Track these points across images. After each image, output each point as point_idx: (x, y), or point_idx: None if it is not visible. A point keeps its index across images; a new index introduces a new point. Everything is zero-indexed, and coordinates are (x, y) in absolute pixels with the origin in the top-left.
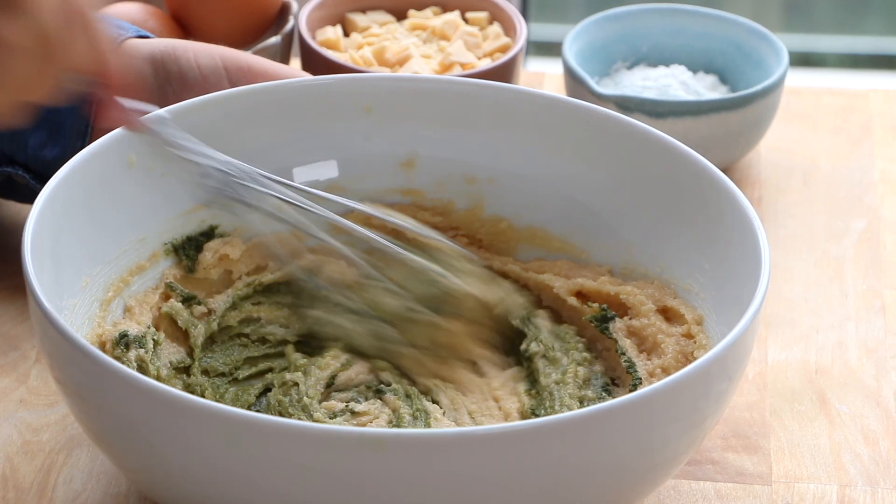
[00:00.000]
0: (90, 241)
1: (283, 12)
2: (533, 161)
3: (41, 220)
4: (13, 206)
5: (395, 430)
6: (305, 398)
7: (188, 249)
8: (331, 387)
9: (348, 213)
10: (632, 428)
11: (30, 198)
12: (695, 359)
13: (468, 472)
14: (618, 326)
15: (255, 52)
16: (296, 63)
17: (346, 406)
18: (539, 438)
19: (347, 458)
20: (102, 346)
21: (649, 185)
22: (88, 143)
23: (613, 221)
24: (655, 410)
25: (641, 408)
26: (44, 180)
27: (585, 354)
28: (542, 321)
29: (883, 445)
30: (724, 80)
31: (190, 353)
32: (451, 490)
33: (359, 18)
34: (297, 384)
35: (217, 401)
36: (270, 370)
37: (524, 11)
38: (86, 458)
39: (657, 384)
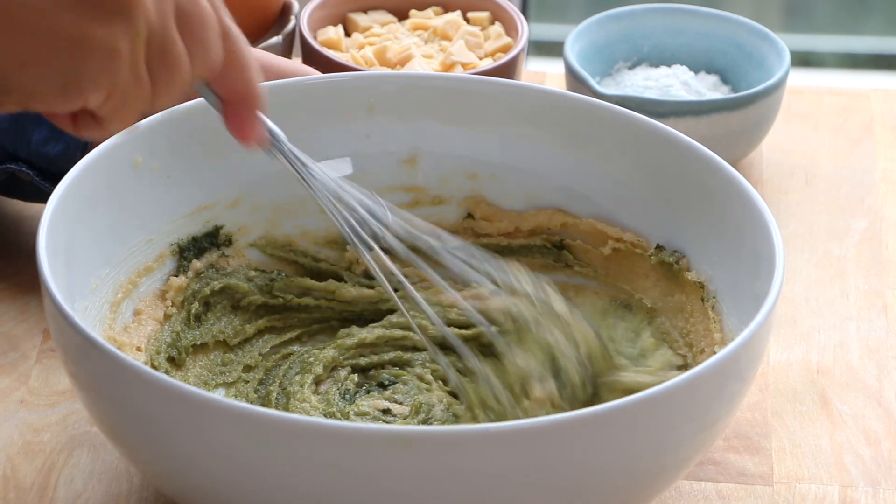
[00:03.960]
0: (100, 243)
1: (285, 12)
2: (535, 156)
3: (54, 222)
4: (14, 207)
5: (421, 427)
6: (295, 385)
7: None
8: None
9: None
10: (648, 425)
11: (33, 196)
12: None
13: (491, 467)
14: None
15: None
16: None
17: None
18: (562, 434)
19: (374, 455)
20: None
21: (655, 178)
22: (91, 140)
23: (619, 214)
24: (670, 409)
25: (657, 405)
26: (48, 177)
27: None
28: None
29: (885, 446)
30: (725, 80)
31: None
32: (475, 485)
33: (360, 18)
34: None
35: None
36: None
37: (525, 11)
38: (87, 458)
39: (672, 382)
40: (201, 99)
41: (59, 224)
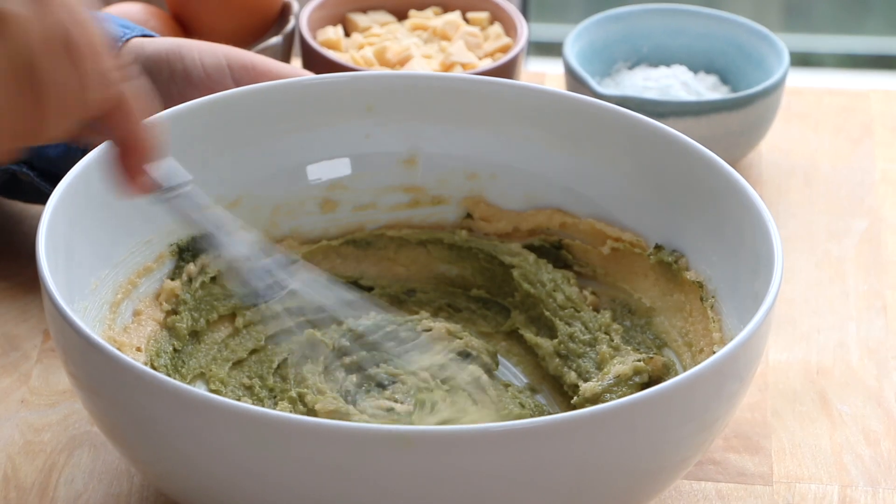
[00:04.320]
0: (99, 243)
1: (284, 12)
2: (535, 156)
3: (53, 223)
4: (15, 207)
5: (421, 427)
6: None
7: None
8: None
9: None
10: (647, 424)
11: (34, 197)
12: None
13: (491, 467)
14: None
15: (257, 53)
16: (297, 63)
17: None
18: (561, 434)
19: (374, 455)
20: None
21: (654, 178)
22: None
23: (618, 214)
24: (669, 409)
25: (656, 405)
26: (48, 177)
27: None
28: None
29: (884, 446)
30: (724, 80)
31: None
32: (475, 485)
33: (360, 18)
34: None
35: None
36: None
37: (525, 11)
38: (87, 457)
39: (671, 382)
40: (205, 99)
41: (58, 225)
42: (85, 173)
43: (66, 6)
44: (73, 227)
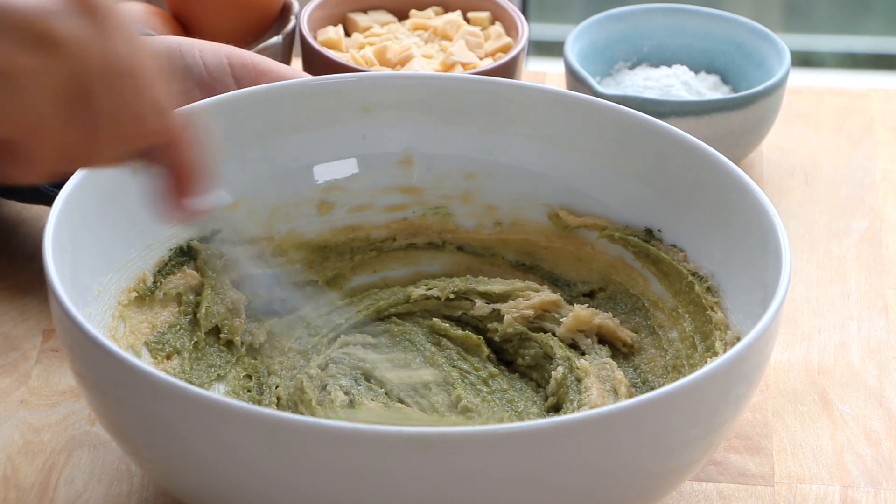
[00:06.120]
0: (102, 249)
1: (285, 12)
2: (534, 156)
3: (58, 229)
4: (13, 207)
5: (440, 428)
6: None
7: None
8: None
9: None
10: (656, 426)
11: (31, 197)
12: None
13: (505, 467)
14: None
15: (257, 52)
16: (297, 63)
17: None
18: (571, 435)
19: (393, 457)
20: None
21: (655, 176)
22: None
23: (619, 212)
24: (678, 412)
25: (665, 408)
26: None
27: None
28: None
29: (885, 446)
30: (725, 80)
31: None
32: (490, 486)
33: (360, 18)
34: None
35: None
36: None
37: (525, 11)
38: (87, 458)
39: (678, 384)
40: (200, 102)
41: (63, 231)
42: (86, 179)
43: (126, 35)
44: (77, 234)
